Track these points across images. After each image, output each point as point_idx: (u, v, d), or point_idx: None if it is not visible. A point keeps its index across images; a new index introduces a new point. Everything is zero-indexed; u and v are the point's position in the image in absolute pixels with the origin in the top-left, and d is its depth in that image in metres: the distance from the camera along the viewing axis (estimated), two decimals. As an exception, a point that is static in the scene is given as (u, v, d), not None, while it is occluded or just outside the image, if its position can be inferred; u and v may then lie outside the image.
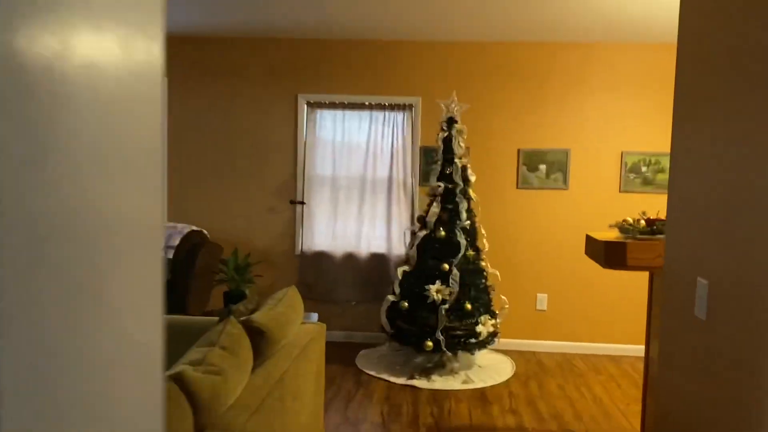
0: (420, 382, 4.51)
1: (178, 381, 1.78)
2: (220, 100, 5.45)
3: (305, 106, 5.41)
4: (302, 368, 2.71)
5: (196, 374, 1.87)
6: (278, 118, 5.44)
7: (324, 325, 3.17)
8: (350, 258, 5.43)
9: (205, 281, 4.08)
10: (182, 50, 5.44)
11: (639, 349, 5.33)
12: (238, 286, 3.70)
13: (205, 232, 4.36)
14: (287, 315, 2.74)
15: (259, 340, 2.45)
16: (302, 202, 5.43)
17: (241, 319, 2.47)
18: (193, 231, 4.24)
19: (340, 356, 5.09)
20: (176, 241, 4.15)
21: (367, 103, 5.36)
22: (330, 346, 5.36)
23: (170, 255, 4.13)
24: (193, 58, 5.44)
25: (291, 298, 2.96)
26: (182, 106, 5.46)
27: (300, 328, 2.98)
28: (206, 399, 1.83)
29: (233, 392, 2.03)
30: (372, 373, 4.69)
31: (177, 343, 3.19)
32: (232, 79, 5.44)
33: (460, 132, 4.80)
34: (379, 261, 5.42)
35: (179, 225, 4.26)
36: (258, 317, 2.51)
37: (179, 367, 1.90)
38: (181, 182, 5.49)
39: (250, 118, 5.45)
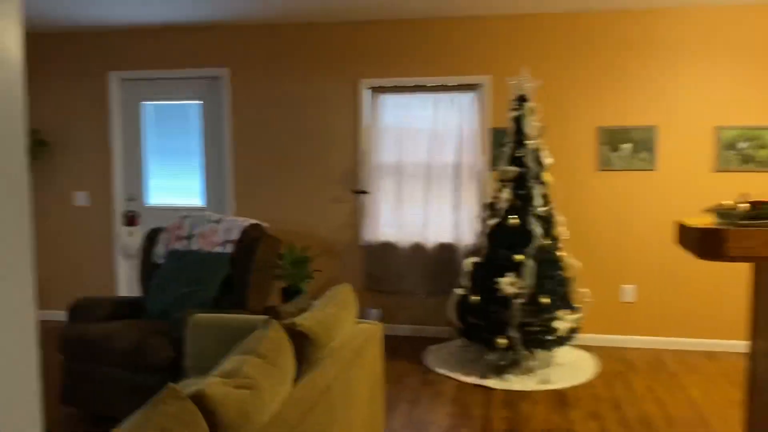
0: (493, 382, 4.20)
1: (198, 400, 1.57)
2: (280, 90, 5.29)
3: (367, 91, 5.16)
4: (355, 373, 2.47)
5: (221, 390, 1.66)
6: (340, 105, 5.22)
7: (380, 325, 2.92)
8: (417, 248, 5.17)
9: (265, 276, 3.92)
10: (240, 39, 5.31)
11: (739, 345, 4.80)
12: (296, 282, 3.51)
13: (264, 225, 4.20)
14: (337, 316, 2.51)
15: (304, 345, 2.23)
16: (365, 192, 5.20)
17: (285, 322, 2.25)
18: (251, 225, 4.09)
19: (406, 352, 4.84)
20: (235, 236, 4.01)
21: (431, 85, 5.06)
22: (396, 340, 5.12)
23: (229, 250, 3.99)
24: (251, 47, 5.30)
25: (343, 296, 2.72)
26: (242, 97, 5.33)
27: (353, 328, 2.74)
28: (232, 419, 1.61)
29: (268, 408, 1.81)
30: (440, 371, 4.42)
31: (231, 344, 3.03)
32: (292, 68, 5.26)
33: (532, 111, 4.43)
34: (447, 251, 5.12)
35: (238, 219, 4.11)
36: (303, 320, 2.29)
37: (202, 383, 1.70)
38: (242, 175, 5.38)
39: (311, 106, 5.26)
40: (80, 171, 5.63)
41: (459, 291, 4.46)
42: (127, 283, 5.68)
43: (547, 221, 4.41)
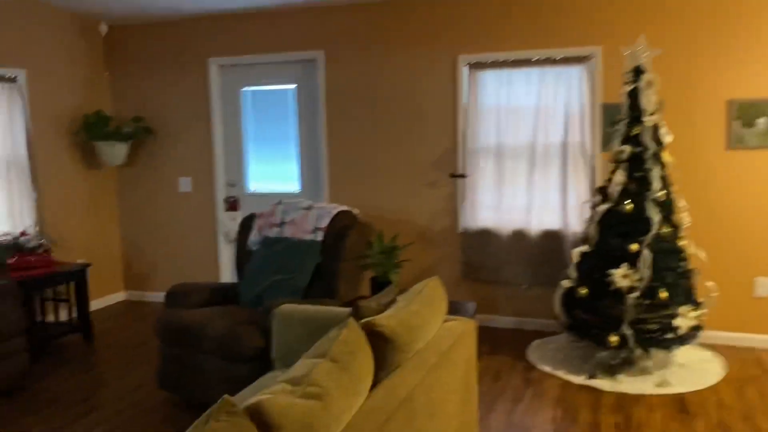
0: (603, 383, 3.84)
1: (256, 414, 1.41)
2: (375, 71, 5.10)
3: (466, 68, 4.86)
4: (442, 378, 2.25)
5: (283, 401, 1.49)
6: (436, 84, 4.96)
7: (474, 322, 2.67)
8: (519, 236, 4.83)
9: (355, 265, 3.78)
10: (334, 21, 5.16)
11: None
12: (385, 272, 3.33)
13: (355, 211, 4.05)
14: (423, 314, 2.29)
15: (384, 348, 2.03)
16: (464, 175, 4.92)
17: (363, 321, 2.06)
18: (342, 211, 3.95)
19: (508, 346, 4.55)
20: (325, 223, 3.88)
21: (535, 59, 4.68)
22: (496, 333, 4.83)
23: (319, 237, 3.88)
24: (346, 28, 5.14)
25: (431, 291, 2.50)
26: (336, 79, 5.20)
27: (442, 327, 2.52)
28: (293, 435, 1.44)
29: (338, 420, 1.63)
30: (545, 368, 4.10)
31: (316, 337, 2.90)
32: (387, 48, 5.05)
33: (649, 84, 3.96)
34: (552, 239, 4.75)
35: (329, 206, 3.98)
36: (384, 319, 2.09)
37: (265, 392, 1.54)
38: (336, 160, 5.26)
39: (406, 87, 5.03)
40: (183, 157, 5.75)
41: (565, 283, 4.11)
42: (230, 268, 5.75)
43: (666, 206, 3.95)
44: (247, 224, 4.23)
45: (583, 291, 3.96)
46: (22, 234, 4.56)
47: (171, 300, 3.85)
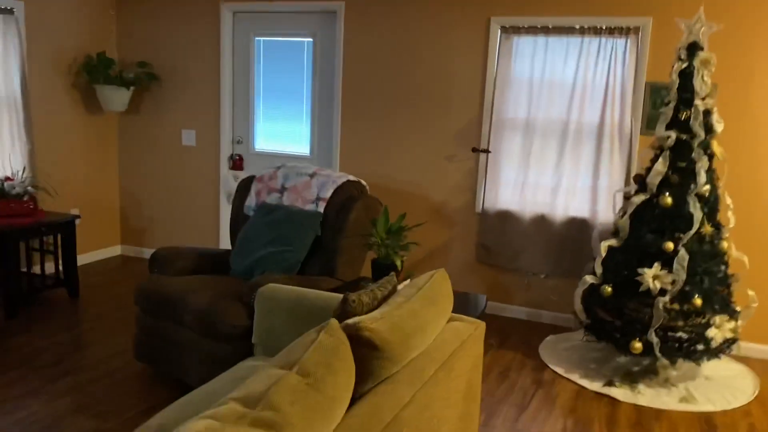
0: (621, 392, 3.47)
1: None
2: (399, 28, 4.65)
3: (498, 31, 4.41)
4: (440, 392, 1.90)
5: (221, 438, 1.14)
6: (465, 47, 4.51)
7: (482, 324, 2.31)
8: (542, 221, 4.43)
9: (358, 242, 3.42)
10: (360, -32, 4.71)
11: None
12: (388, 255, 2.97)
13: (363, 183, 3.67)
14: (422, 315, 1.93)
15: (369, 357, 1.68)
16: (487, 151, 4.51)
17: (348, 323, 1.71)
18: (349, 181, 3.57)
19: (519, 340, 4.19)
20: (328, 193, 3.51)
21: (578, 27, 4.21)
22: (508, 324, 4.47)
23: (321, 208, 3.51)
24: (371, -23, 4.69)
25: (436, 286, 2.13)
26: (356, 35, 4.76)
27: (445, 329, 2.16)
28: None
29: (297, 457, 1.29)
30: (557, 369, 3.74)
31: (302, 323, 2.57)
32: (413, 3, 4.59)
33: (705, 63, 3.50)
34: (578, 228, 4.35)
35: (334, 173, 3.61)
36: (373, 321, 1.73)
37: (203, 418, 1.20)
38: (349, 123, 4.87)
39: (431, 48, 4.59)
40: (189, 108, 5.38)
41: (588, 278, 3.72)
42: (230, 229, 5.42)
43: (710, 203, 3.53)
44: (245, 186, 3.88)
45: (608, 289, 3.57)
46: (7, 179, 4.25)
47: (155, 264, 3.53)
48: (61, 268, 4.71)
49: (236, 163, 5.32)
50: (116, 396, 3.18)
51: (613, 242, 3.69)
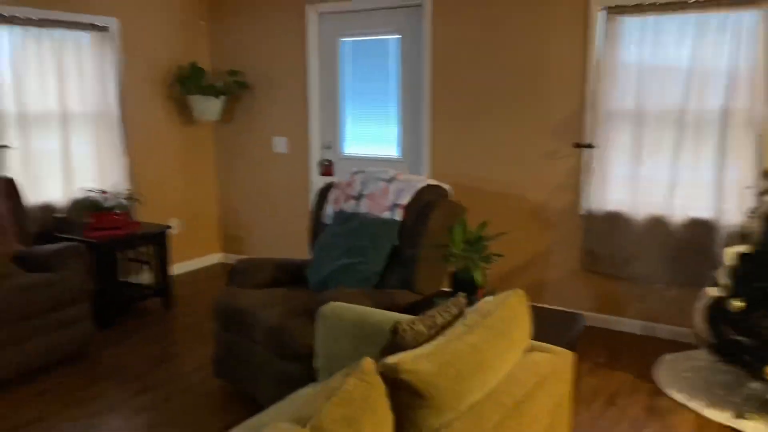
0: (752, 426, 2.93)
1: None
2: (490, 17, 4.29)
3: (602, 12, 3.93)
4: (507, 444, 1.57)
5: None
6: (561, 34, 4.08)
7: (570, 355, 1.94)
8: (657, 223, 3.91)
9: (438, 252, 3.12)
10: (446, -44, 4.39)
11: None
12: (468, 268, 2.64)
13: (445, 186, 3.37)
14: (484, 351, 1.61)
15: (411, 406, 1.39)
16: (591, 146, 4.05)
17: (384, 363, 1.43)
18: (428, 186, 3.28)
19: (632, 358, 3.70)
20: (405, 199, 3.24)
21: (693, 1, 3.65)
22: (619, 339, 3.98)
23: (398, 216, 3.25)
24: (459, -36, 4.36)
25: (508, 312, 1.80)
26: (444, 28, 4.45)
27: (520, 364, 1.82)
28: None
29: None
30: (675, 395, 3.24)
31: (366, 346, 2.32)
32: (506, -13, 4.22)
33: None
34: (700, 231, 3.78)
35: (414, 177, 3.33)
36: (417, 361, 1.44)
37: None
38: (440, 123, 4.56)
39: (526, 36, 4.19)
40: (279, 115, 5.32)
41: (713, 290, 3.19)
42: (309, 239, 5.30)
43: None
44: (323, 195, 3.70)
45: (738, 304, 3.04)
46: (103, 193, 4.35)
47: (233, 278, 3.43)
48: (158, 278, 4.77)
49: (326, 168, 5.18)
50: (192, 414, 3.10)
51: (743, 248, 3.14)
